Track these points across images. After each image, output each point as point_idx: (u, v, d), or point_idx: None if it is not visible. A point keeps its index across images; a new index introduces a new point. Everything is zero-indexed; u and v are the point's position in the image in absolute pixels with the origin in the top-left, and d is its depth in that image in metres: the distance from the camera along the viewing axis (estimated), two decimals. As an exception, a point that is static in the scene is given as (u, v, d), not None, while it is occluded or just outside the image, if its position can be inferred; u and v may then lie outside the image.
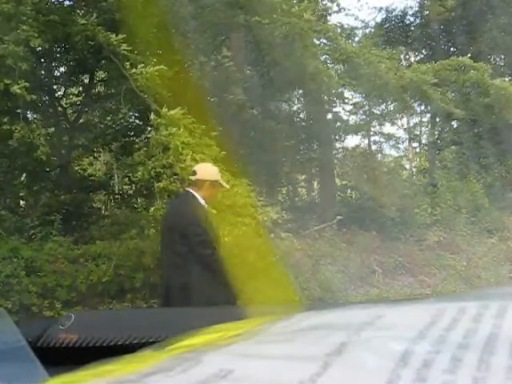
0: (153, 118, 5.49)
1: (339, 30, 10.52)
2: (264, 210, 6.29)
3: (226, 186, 3.85)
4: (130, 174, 9.72)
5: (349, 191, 12.59)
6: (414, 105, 12.38)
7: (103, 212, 9.27)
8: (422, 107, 13.23)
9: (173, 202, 3.95)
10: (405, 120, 14.69)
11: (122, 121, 9.04)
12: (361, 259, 8.55)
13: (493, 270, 8.64)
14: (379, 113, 12.57)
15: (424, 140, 14.38)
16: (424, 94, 10.05)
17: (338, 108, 11.59)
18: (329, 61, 10.15)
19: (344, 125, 11.90)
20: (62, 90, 9.08)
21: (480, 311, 0.53)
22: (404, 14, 13.52)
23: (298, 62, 8.52)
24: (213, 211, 4.19)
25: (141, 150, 5.72)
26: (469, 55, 10.84)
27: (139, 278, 6.18)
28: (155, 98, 5.75)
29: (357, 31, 12.45)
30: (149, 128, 8.29)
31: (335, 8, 11.14)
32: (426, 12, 12.83)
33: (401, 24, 13.47)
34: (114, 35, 5.62)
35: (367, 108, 12.26)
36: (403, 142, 14.16)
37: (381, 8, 13.66)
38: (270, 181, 11.31)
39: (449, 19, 11.33)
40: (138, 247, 6.49)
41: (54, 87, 8.79)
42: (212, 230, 3.52)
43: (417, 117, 14.90)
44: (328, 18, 10.93)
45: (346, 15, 13.04)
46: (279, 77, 9.45)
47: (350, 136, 13.02)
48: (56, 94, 8.74)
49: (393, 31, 13.25)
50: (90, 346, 1.00)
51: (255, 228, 5.49)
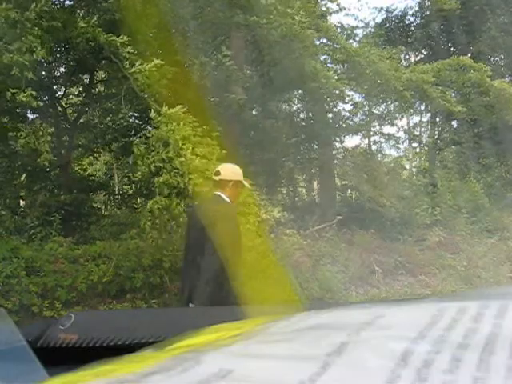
0: (153, 115, 5.49)
1: (339, 30, 10.52)
2: (266, 209, 6.29)
3: (248, 186, 3.93)
4: (130, 174, 9.74)
5: (349, 191, 12.59)
6: (414, 105, 12.37)
7: (103, 212, 9.28)
8: (422, 107, 13.23)
9: (203, 204, 4.01)
10: (405, 120, 14.69)
11: (122, 121, 9.05)
12: (361, 259, 8.54)
13: (493, 270, 8.63)
14: (379, 113, 12.56)
15: (424, 140, 14.38)
16: (424, 94, 10.05)
17: (338, 108, 11.58)
18: (329, 61, 10.16)
19: (344, 125, 11.88)
20: (62, 90, 9.09)
21: (480, 311, 0.53)
22: (404, 14, 13.53)
23: (297, 61, 8.52)
24: None
25: (140, 145, 5.69)
26: (469, 55, 10.85)
27: (139, 278, 6.18)
28: (155, 98, 5.75)
29: (357, 31, 12.45)
30: (149, 128, 8.30)
31: (335, 8, 11.11)
32: (426, 12, 12.83)
33: (401, 24, 13.47)
34: (115, 37, 5.62)
35: (367, 108, 12.25)
36: (403, 142, 14.15)
37: (381, 8, 13.71)
38: (269, 181, 11.31)
39: (449, 19, 11.32)
40: (137, 247, 6.49)
41: (54, 87, 8.80)
42: (239, 231, 3.66)
43: (417, 117, 14.91)
44: (328, 17, 10.91)
45: (346, 15, 13.02)
46: (279, 77, 9.44)
47: (349, 136, 12.98)
48: (56, 94, 8.75)
49: (393, 31, 13.25)
50: (89, 346, 1.00)
51: (259, 226, 5.50)
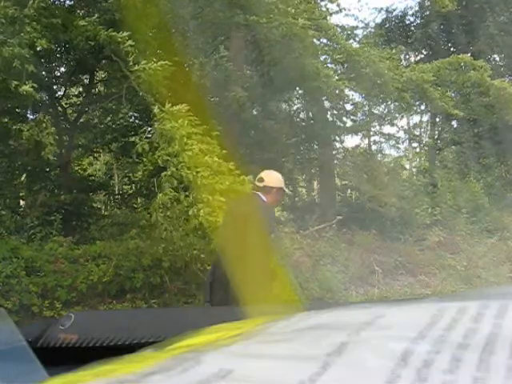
0: (156, 111, 5.49)
1: (339, 31, 10.51)
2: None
3: (288, 192, 4.06)
4: (130, 174, 9.74)
5: (349, 191, 12.58)
6: (414, 105, 12.36)
7: (103, 212, 9.28)
8: (422, 107, 13.21)
9: (241, 201, 4.14)
10: (405, 120, 14.68)
11: (121, 121, 9.05)
12: (361, 259, 8.54)
13: (493, 270, 8.63)
14: (379, 113, 12.55)
15: (424, 140, 14.37)
16: (424, 95, 10.04)
17: (337, 108, 11.56)
18: (329, 61, 10.15)
19: (344, 125, 11.88)
20: (62, 89, 9.08)
21: (480, 311, 0.53)
22: (404, 14, 13.53)
23: (297, 61, 8.51)
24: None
25: (145, 141, 5.70)
26: (469, 55, 10.83)
27: (139, 278, 6.18)
28: (156, 97, 5.75)
29: (357, 31, 12.44)
30: (149, 128, 8.29)
31: (335, 8, 11.11)
32: (426, 12, 12.82)
33: (401, 24, 13.46)
34: (116, 33, 5.63)
35: (367, 108, 12.24)
36: (403, 142, 14.13)
37: (381, 8, 13.68)
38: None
39: (449, 19, 11.32)
40: (137, 247, 6.49)
41: (55, 87, 8.79)
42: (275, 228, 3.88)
43: (417, 117, 14.90)
44: (328, 18, 10.90)
45: (346, 15, 12.97)
46: (279, 76, 9.43)
47: (349, 136, 12.98)
48: (56, 94, 8.75)
49: (393, 31, 13.25)
50: (90, 345, 1.00)
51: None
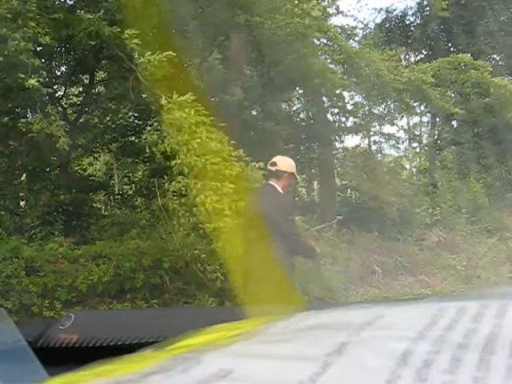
0: (164, 103, 5.49)
1: (339, 31, 10.50)
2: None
3: (299, 179, 4.18)
4: (130, 174, 9.74)
5: (349, 191, 12.58)
6: (414, 105, 12.36)
7: (103, 212, 9.28)
8: (422, 107, 13.22)
9: (260, 194, 4.30)
10: (405, 120, 14.68)
11: (121, 121, 9.05)
12: (361, 259, 8.54)
13: (493, 270, 8.63)
14: (379, 113, 12.55)
15: (424, 140, 14.38)
16: (424, 95, 10.04)
17: (337, 108, 11.56)
18: (329, 61, 10.14)
19: (344, 125, 11.88)
20: (62, 89, 9.08)
21: (480, 311, 0.53)
22: (404, 14, 13.54)
23: (298, 61, 8.51)
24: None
25: (153, 133, 5.74)
26: (469, 55, 10.83)
27: (139, 278, 6.18)
28: (162, 90, 5.75)
29: (357, 32, 12.44)
30: (148, 128, 8.30)
31: (334, 10, 11.12)
32: (426, 12, 12.82)
33: (401, 24, 13.47)
34: (120, 30, 5.65)
35: (367, 108, 12.24)
36: (403, 142, 14.14)
37: (381, 9, 13.70)
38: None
39: (448, 19, 11.31)
40: (138, 247, 6.49)
41: (55, 87, 8.79)
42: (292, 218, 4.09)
43: (417, 117, 14.89)
44: (328, 18, 10.90)
45: (346, 16, 12.93)
46: (279, 77, 9.43)
47: (349, 136, 12.99)
48: (56, 94, 8.74)
49: (393, 31, 13.25)
50: (89, 345, 1.00)
51: None
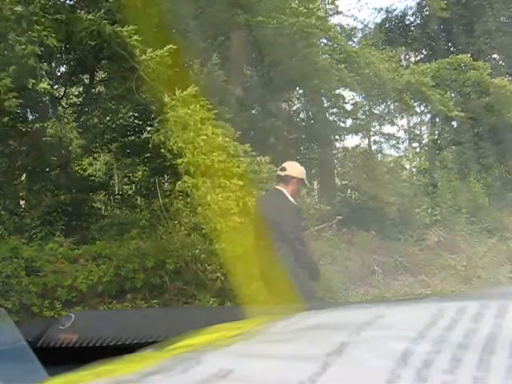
0: (167, 100, 5.47)
1: (339, 31, 10.51)
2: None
3: (308, 185, 4.12)
4: (130, 174, 9.73)
5: (349, 191, 12.58)
6: (414, 105, 12.36)
7: (103, 212, 9.27)
8: (422, 107, 13.22)
9: (267, 199, 4.27)
10: (405, 120, 14.69)
11: (121, 121, 9.04)
12: (361, 259, 8.54)
13: (493, 269, 8.63)
14: (379, 113, 12.56)
15: (424, 140, 14.38)
16: (424, 95, 10.04)
17: (337, 108, 11.57)
18: (329, 61, 10.15)
19: (344, 125, 11.89)
20: (62, 89, 9.07)
21: (480, 311, 0.53)
22: (404, 14, 13.53)
23: (298, 61, 8.52)
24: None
25: (160, 133, 5.69)
26: (469, 55, 10.83)
27: (139, 278, 6.18)
28: (164, 86, 5.74)
29: (357, 32, 12.46)
30: (149, 128, 8.29)
31: (334, 10, 11.14)
32: (426, 12, 12.82)
33: (400, 24, 13.46)
34: (121, 28, 5.64)
35: (367, 108, 12.25)
36: (403, 142, 14.16)
37: (380, 9, 13.69)
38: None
39: (448, 19, 11.32)
40: (138, 247, 6.49)
41: (55, 87, 8.78)
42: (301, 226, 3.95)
43: (417, 117, 14.90)
44: (328, 19, 10.91)
45: (345, 16, 12.96)
46: (279, 76, 9.43)
47: (349, 136, 13.00)
48: (56, 94, 8.74)
49: (393, 31, 13.25)
50: (89, 346, 1.00)
51: None
